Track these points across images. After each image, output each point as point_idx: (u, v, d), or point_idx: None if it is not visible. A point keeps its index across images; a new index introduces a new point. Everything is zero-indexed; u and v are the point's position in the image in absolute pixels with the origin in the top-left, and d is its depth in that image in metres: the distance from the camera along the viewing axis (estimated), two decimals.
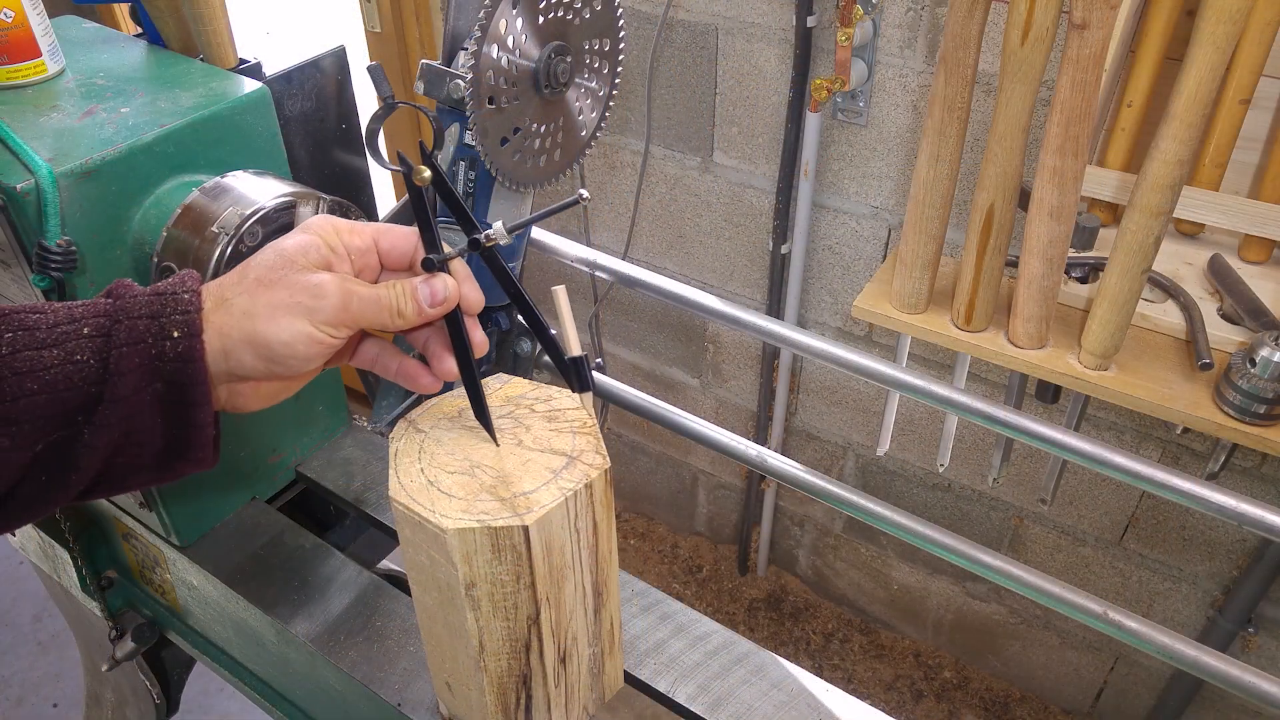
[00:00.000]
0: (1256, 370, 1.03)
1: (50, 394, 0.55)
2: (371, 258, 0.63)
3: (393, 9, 2.07)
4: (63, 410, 0.55)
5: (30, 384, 0.54)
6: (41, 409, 0.55)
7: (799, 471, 0.90)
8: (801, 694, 0.85)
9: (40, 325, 0.56)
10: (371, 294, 0.60)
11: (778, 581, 2.47)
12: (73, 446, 0.57)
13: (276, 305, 0.58)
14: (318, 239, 0.61)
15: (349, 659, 0.89)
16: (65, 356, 0.55)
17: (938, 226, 1.12)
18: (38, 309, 0.57)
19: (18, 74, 0.87)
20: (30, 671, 2.27)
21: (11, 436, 0.54)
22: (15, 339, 0.55)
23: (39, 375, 0.55)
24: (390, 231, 0.64)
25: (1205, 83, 0.91)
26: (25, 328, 0.56)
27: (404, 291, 0.61)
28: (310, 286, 0.59)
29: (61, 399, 0.55)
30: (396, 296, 0.61)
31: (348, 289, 0.60)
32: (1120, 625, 0.76)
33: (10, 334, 0.55)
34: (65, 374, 0.55)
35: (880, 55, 1.56)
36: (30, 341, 0.55)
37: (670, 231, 2.03)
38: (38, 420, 0.55)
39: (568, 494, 0.62)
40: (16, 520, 0.59)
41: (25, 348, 0.55)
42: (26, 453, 0.55)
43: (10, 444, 0.54)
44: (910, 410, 1.92)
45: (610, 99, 0.88)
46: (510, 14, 0.74)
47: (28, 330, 0.55)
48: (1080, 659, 2.05)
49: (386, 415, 1.01)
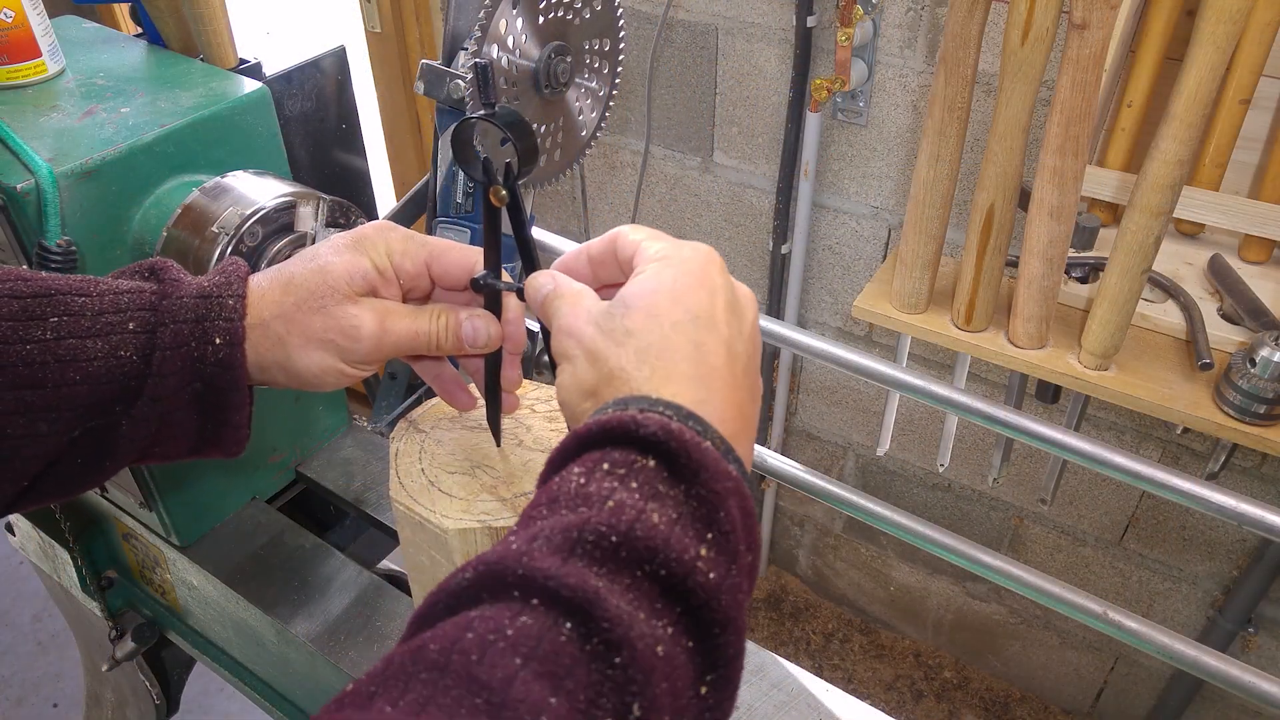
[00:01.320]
0: (1256, 370, 1.03)
1: (91, 385, 0.55)
2: (423, 280, 0.61)
3: (393, 9, 2.07)
4: (102, 401, 0.56)
5: (73, 373, 0.54)
6: (82, 398, 0.55)
7: (799, 471, 0.90)
8: (801, 694, 0.85)
9: (86, 311, 0.56)
10: (410, 329, 0.59)
11: (778, 581, 2.47)
12: (109, 435, 0.57)
13: (310, 337, 0.57)
14: (367, 262, 0.59)
15: (349, 659, 0.89)
16: (110, 350, 0.55)
17: (938, 226, 1.12)
18: (83, 289, 0.56)
19: (18, 74, 0.87)
20: (30, 671, 2.27)
21: (50, 422, 0.55)
22: (60, 324, 0.55)
23: (81, 365, 0.55)
24: (444, 256, 0.61)
25: (1205, 83, 0.91)
26: (71, 313, 0.55)
27: (446, 326, 0.60)
28: (346, 326, 0.57)
29: (102, 390, 0.55)
30: (438, 330, 0.59)
31: (385, 328, 0.58)
32: (1120, 625, 0.76)
33: (56, 318, 0.55)
34: (108, 367, 0.55)
35: (880, 55, 1.56)
36: (75, 329, 0.55)
37: (670, 231, 2.01)
38: (78, 408, 0.55)
39: None
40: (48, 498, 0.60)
41: (70, 335, 0.55)
42: (63, 438, 0.56)
43: (49, 429, 0.55)
44: (910, 410, 1.92)
45: (610, 99, 0.88)
46: (510, 14, 0.74)
47: (73, 316, 0.55)
48: (1080, 659, 2.05)
49: (386, 415, 1.01)
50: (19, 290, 0.55)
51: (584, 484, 0.40)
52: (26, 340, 0.54)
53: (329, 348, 0.57)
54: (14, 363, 0.54)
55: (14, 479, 0.56)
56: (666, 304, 0.47)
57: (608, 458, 0.40)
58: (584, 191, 2.08)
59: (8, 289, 0.55)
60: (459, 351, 0.61)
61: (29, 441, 0.55)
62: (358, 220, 0.86)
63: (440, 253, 0.61)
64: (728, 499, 0.40)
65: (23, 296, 0.55)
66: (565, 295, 0.52)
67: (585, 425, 0.42)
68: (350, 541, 1.17)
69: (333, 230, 0.84)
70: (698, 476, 0.40)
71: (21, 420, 0.54)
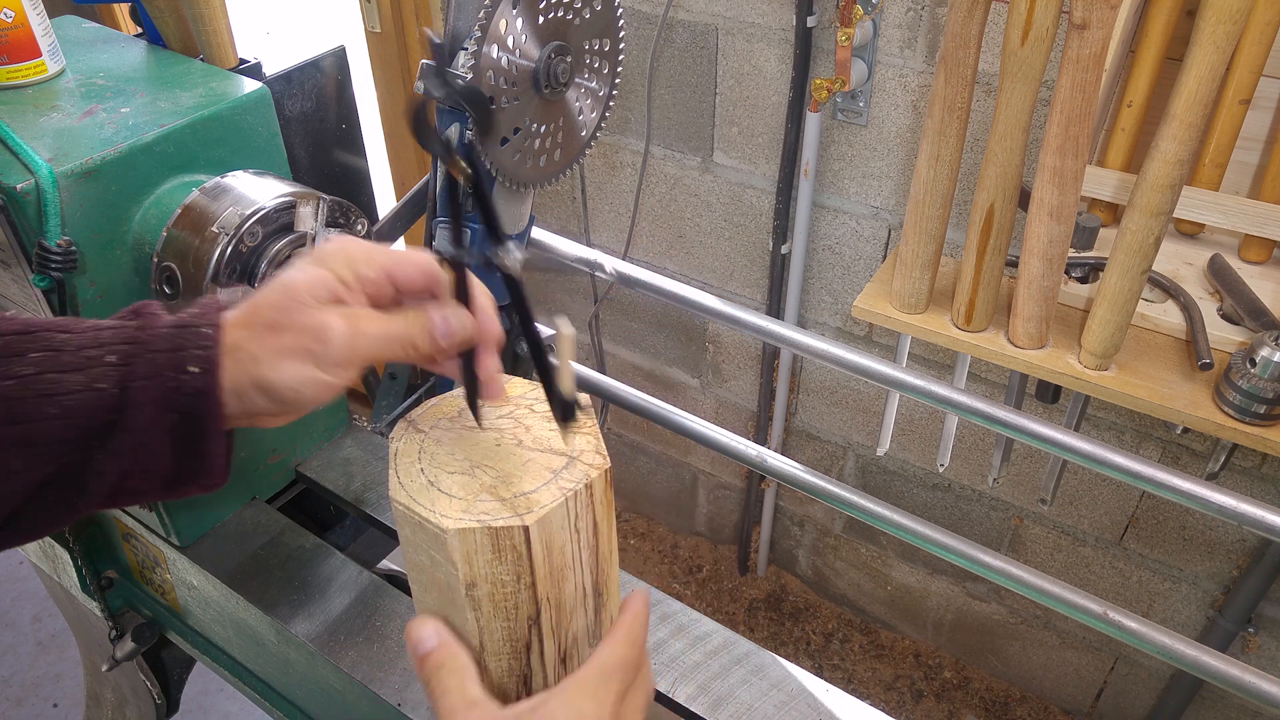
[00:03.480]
0: (1256, 370, 1.03)
1: (68, 419, 0.54)
2: (387, 288, 0.61)
3: (393, 9, 2.07)
4: (79, 435, 0.55)
5: (50, 408, 0.54)
6: (59, 433, 0.54)
7: (799, 471, 0.90)
8: (801, 694, 0.85)
9: (66, 347, 0.56)
10: (381, 330, 0.58)
11: (778, 581, 2.47)
12: (84, 471, 0.56)
13: (281, 350, 0.57)
14: (327, 273, 0.59)
15: (349, 659, 0.89)
16: (87, 383, 0.55)
17: (938, 226, 1.12)
18: (65, 327, 0.57)
19: (18, 74, 0.87)
20: (30, 671, 2.27)
21: (25, 458, 0.54)
22: (41, 359, 0.55)
23: (59, 400, 0.54)
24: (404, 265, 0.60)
25: (1205, 83, 0.91)
26: (52, 348, 0.55)
27: (419, 326, 0.59)
28: (315, 330, 0.57)
29: (79, 425, 0.55)
30: (411, 331, 0.59)
31: (355, 329, 0.58)
32: (1120, 625, 0.76)
33: (36, 353, 0.55)
34: (85, 400, 0.55)
35: (880, 55, 1.56)
36: (55, 364, 0.55)
37: (670, 231, 2.03)
38: (53, 444, 0.55)
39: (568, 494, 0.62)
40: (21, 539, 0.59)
41: (50, 369, 0.55)
42: (37, 474, 0.55)
43: (22, 465, 0.54)
44: (910, 410, 1.93)
45: (610, 99, 0.88)
46: (510, 14, 0.74)
47: (54, 351, 0.55)
48: (1080, 659, 2.05)
49: (386, 415, 1.01)
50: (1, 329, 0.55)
51: None
52: (6, 376, 0.54)
53: (302, 355, 0.57)
54: None
55: None
56: None
57: None
58: (584, 191, 2.08)
59: None
60: (436, 349, 0.60)
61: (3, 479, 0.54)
62: (358, 220, 0.86)
63: (401, 258, 0.61)
64: None
65: (4, 334, 0.55)
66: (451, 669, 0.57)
67: None
68: (350, 541, 1.17)
69: (333, 230, 0.84)
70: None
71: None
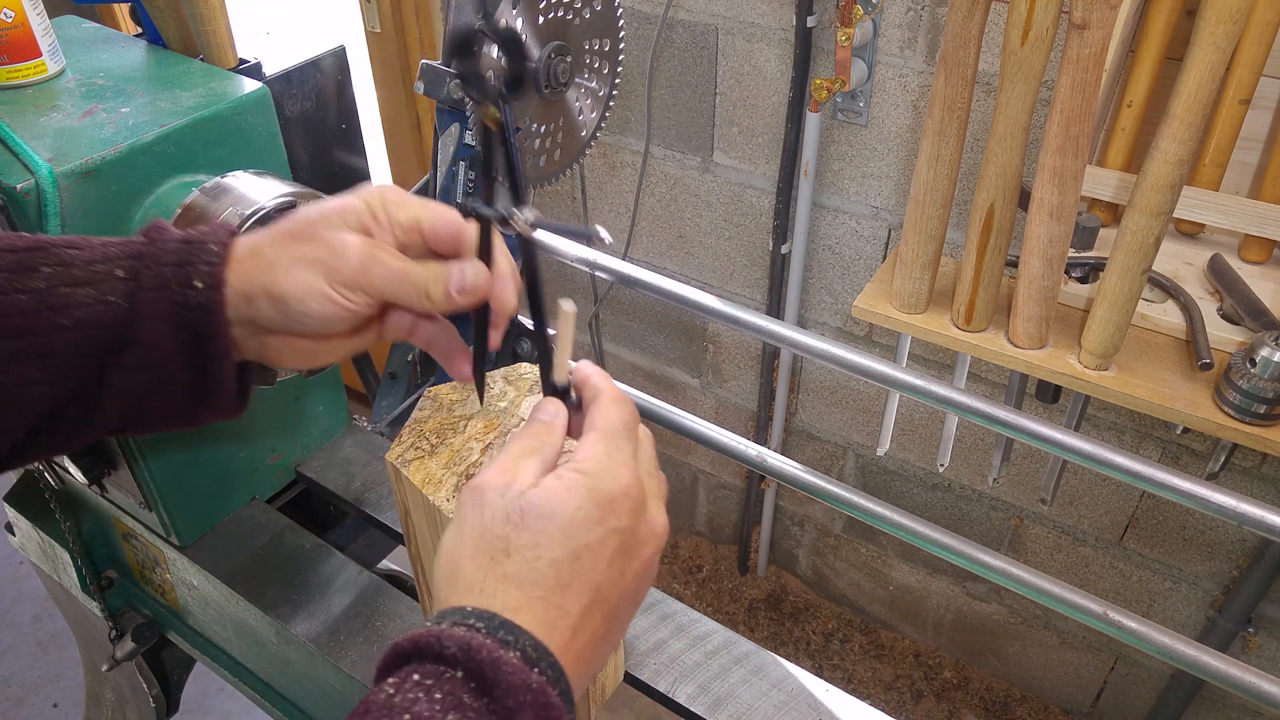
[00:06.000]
0: (1256, 370, 1.03)
1: (82, 331, 0.56)
2: (415, 238, 0.61)
3: (393, 9, 2.07)
4: (94, 348, 0.57)
5: (64, 319, 0.56)
6: (74, 344, 0.56)
7: (799, 471, 0.90)
8: (801, 694, 0.85)
9: (76, 261, 0.57)
10: (400, 267, 0.58)
11: (778, 581, 2.47)
12: (101, 386, 0.58)
13: (297, 258, 0.57)
14: (360, 203, 0.59)
15: (349, 659, 0.89)
16: (98, 296, 0.56)
17: (938, 226, 1.12)
18: (75, 244, 0.58)
19: (18, 74, 0.87)
20: (30, 671, 2.27)
21: (44, 369, 0.56)
22: (53, 274, 0.56)
23: (72, 312, 0.56)
24: (435, 218, 0.60)
25: (1205, 83, 0.91)
26: (62, 263, 0.57)
27: (436, 275, 0.59)
28: (334, 244, 0.57)
29: (93, 337, 0.57)
30: (427, 277, 0.59)
31: (373, 254, 0.58)
32: (1120, 625, 0.76)
33: (49, 268, 0.57)
34: (97, 313, 0.56)
35: (880, 55, 1.56)
36: (67, 278, 0.56)
37: (670, 231, 2.03)
38: (70, 355, 0.56)
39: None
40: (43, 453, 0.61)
41: (61, 283, 0.56)
42: (58, 387, 0.57)
43: (43, 377, 0.56)
44: (910, 410, 1.92)
45: (610, 99, 0.88)
46: (510, 14, 0.74)
47: (64, 266, 0.57)
48: (1080, 659, 2.05)
49: (386, 415, 1.01)
50: (14, 244, 0.57)
51: (392, 694, 0.43)
52: (20, 290, 0.56)
53: (315, 266, 0.57)
54: (8, 311, 0.55)
55: (9, 430, 0.57)
56: (554, 536, 0.49)
57: (419, 669, 0.44)
58: (584, 191, 2.08)
59: (4, 244, 0.57)
60: (447, 304, 0.60)
61: (23, 391, 0.56)
62: None
63: (433, 211, 0.61)
64: (522, 711, 0.42)
65: (17, 250, 0.57)
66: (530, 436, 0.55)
67: (402, 639, 0.45)
68: (350, 541, 1.17)
69: None
70: (495, 689, 0.43)
71: (16, 368, 0.55)
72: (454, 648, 0.43)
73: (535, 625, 0.47)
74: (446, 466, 0.64)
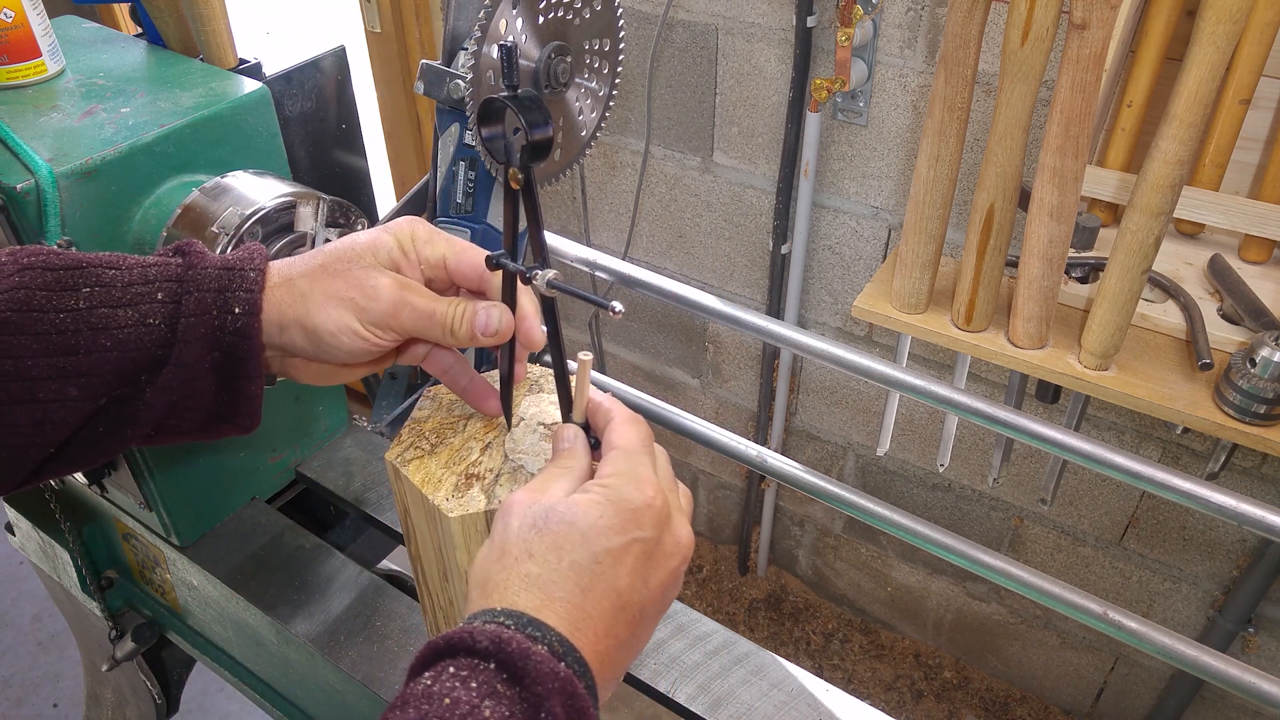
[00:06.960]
0: (1256, 370, 1.03)
1: (121, 352, 0.58)
2: (442, 273, 0.64)
3: (393, 9, 2.07)
4: (131, 368, 0.59)
5: (104, 340, 0.58)
6: (112, 365, 0.58)
7: (799, 471, 0.90)
8: (801, 694, 0.85)
9: (116, 283, 0.59)
10: (428, 307, 0.61)
11: (778, 581, 2.47)
12: (134, 403, 0.60)
13: (331, 295, 0.60)
14: (392, 239, 0.62)
15: (349, 659, 0.89)
16: (139, 318, 0.58)
17: (938, 226, 1.12)
18: (113, 263, 0.60)
19: (18, 74, 0.87)
20: (30, 671, 2.27)
21: (81, 387, 0.58)
22: (93, 294, 0.58)
23: (112, 333, 0.58)
24: (463, 254, 0.64)
25: (1205, 83, 0.91)
26: (103, 284, 0.59)
27: (462, 313, 0.62)
28: (367, 286, 0.60)
29: (131, 358, 0.58)
30: (453, 315, 0.62)
31: (403, 297, 0.61)
32: (1120, 625, 0.76)
33: (89, 289, 0.58)
34: (137, 335, 0.58)
35: (880, 55, 1.56)
36: (107, 299, 0.58)
37: (670, 231, 2.03)
38: (107, 375, 0.58)
39: None
40: (70, 467, 0.63)
41: (102, 304, 0.58)
42: (92, 404, 0.59)
43: (79, 394, 0.58)
44: (910, 410, 1.92)
45: (610, 99, 0.88)
46: (510, 14, 0.74)
47: (105, 286, 0.59)
48: (1080, 659, 2.05)
49: (387, 415, 1.01)
50: (52, 263, 0.58)
51: (430, 684, 0.45)
52: (60, 309, 0.57)
53: (348, 305, 0.60)
54: (48, 330, 0.57)
55: (42, 444, 0.59)
56: (574, 541, 0.51)
57: (454, 663, 0.46)
58: (584, 191, 2.08)
59: (41, 261, 0.58)
60: (471, 341, 0.62)
61: (60, 406, 0.57)
62: (358, 220, 0.86)
63: (459, 250, 0.64)
64: (551, 698, 0.45)
65: (56, 269, 0.58)
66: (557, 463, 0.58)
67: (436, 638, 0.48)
68: (350, 541, 1.17)
69: (333, 230, 0.84)
70: (525, 678, 0.45)
71: (53, 385, 0.57)
72: (486, 642, 0.45)
73: (559, 624, 0.49)
74: (446, 466, 0.64)
